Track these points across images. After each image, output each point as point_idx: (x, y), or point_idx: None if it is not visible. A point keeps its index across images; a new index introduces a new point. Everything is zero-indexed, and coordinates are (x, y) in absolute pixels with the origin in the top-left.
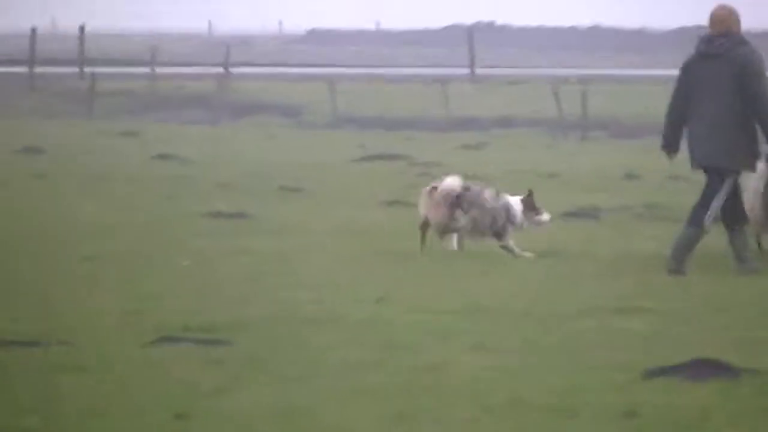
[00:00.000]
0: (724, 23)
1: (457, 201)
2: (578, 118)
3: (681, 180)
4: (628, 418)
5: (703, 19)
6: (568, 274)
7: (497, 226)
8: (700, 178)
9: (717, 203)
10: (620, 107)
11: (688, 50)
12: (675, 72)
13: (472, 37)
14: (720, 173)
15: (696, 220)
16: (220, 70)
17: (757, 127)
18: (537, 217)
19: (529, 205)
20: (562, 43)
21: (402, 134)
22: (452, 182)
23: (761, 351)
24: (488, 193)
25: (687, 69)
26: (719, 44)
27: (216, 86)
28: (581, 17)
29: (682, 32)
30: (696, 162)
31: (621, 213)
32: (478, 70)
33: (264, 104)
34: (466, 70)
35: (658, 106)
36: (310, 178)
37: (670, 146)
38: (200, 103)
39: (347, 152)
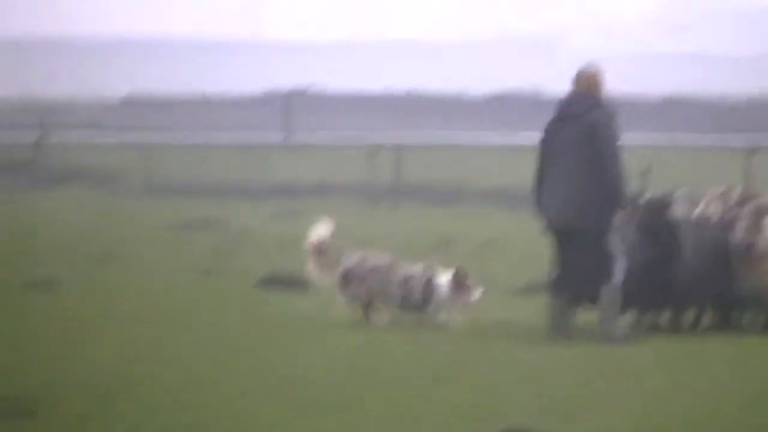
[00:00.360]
0: (585, 83)
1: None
2: (391, 184)
3: (494, 246)
4: None
5: (522, 86)
6: (379, 345)
7: (413, 300)
8: (515, 243)
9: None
10: (434, 174)
11: (508, 116)
12: (492, 138)
13: (289, 104)
14: (576, 235)
15: (563, 285)
16: (35, 136)
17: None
18: (465, 297)
19: (458, 283)
20: (377, 110)
21: (218, 202)
22: (319, 230)
23: (571, 417)
24: (403, 269)
25: (546, 130)
26: (576, 105)
27: (29, 153)
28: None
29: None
30: (551, 224)
31: None
32: (295, 137)
33: (78, 171)
34: (282, 137)
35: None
36: (123, 247)
37: (541, 206)
38: (12, 170)
39: (162, 220)
